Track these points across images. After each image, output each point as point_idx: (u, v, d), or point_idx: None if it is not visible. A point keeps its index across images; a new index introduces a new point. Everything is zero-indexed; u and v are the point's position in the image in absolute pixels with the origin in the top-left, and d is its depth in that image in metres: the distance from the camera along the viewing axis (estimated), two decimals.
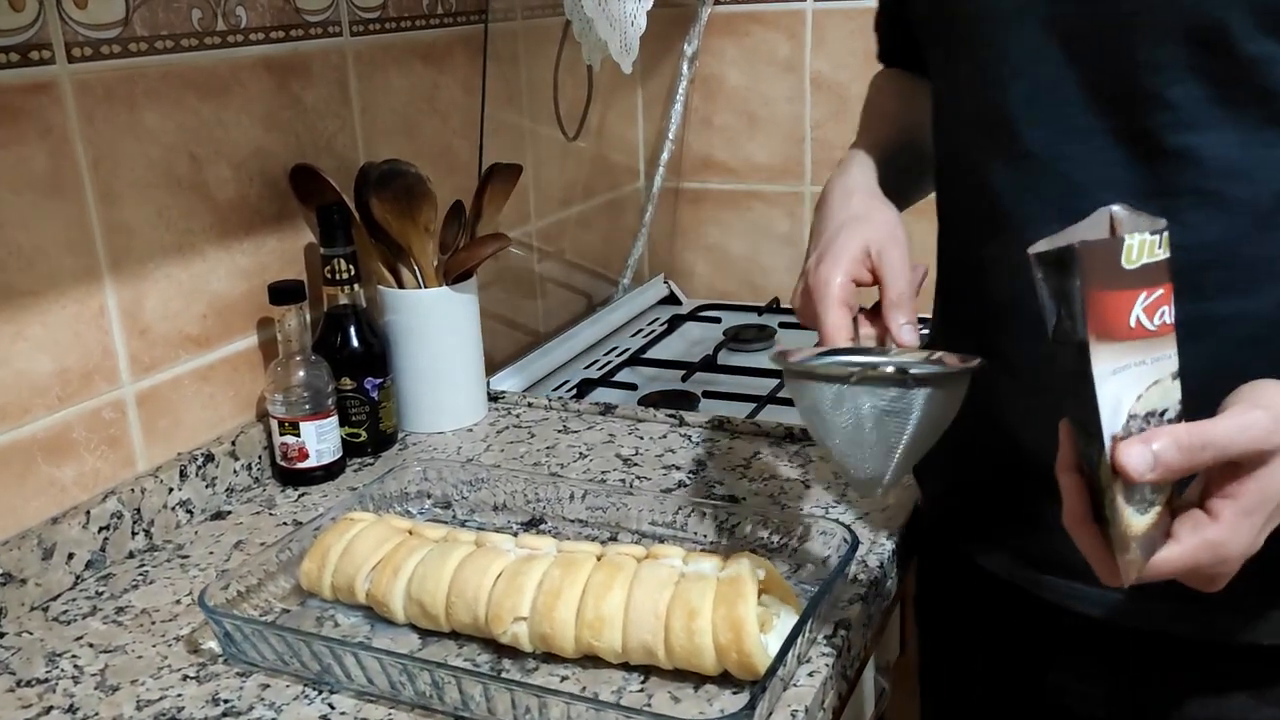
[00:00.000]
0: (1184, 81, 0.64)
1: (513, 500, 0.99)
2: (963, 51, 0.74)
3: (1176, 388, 0.55)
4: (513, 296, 1.52)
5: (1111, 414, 0.54)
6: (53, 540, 0.90)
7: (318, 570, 0.86)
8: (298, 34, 1.12)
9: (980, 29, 0.71)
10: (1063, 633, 0.80)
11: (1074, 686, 0.81)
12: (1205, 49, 0.63)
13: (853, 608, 0.83)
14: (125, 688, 0.78)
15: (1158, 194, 0.66)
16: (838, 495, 1.01)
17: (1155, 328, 0.53)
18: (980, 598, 0.87)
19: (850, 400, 0.69)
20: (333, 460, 1.09)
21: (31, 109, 0.88)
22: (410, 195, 1.13)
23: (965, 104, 0.75)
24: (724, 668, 0.74)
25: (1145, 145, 0.66)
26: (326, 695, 0.76)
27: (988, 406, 0.76)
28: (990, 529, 0.83)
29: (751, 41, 1.72)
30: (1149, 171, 0.66)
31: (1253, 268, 0.65)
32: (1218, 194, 0.65)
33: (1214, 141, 0.64)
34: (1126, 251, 0.51)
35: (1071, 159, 0.68)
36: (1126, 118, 0.66)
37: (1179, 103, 0.64)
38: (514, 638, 0.78)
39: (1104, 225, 0.53)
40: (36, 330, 0.90)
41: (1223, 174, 0.64)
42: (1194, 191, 0.65)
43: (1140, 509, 0.55)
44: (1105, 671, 0.79)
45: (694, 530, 0.93)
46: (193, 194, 1.02)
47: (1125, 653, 0.78)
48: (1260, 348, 0.65)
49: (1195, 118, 0.64)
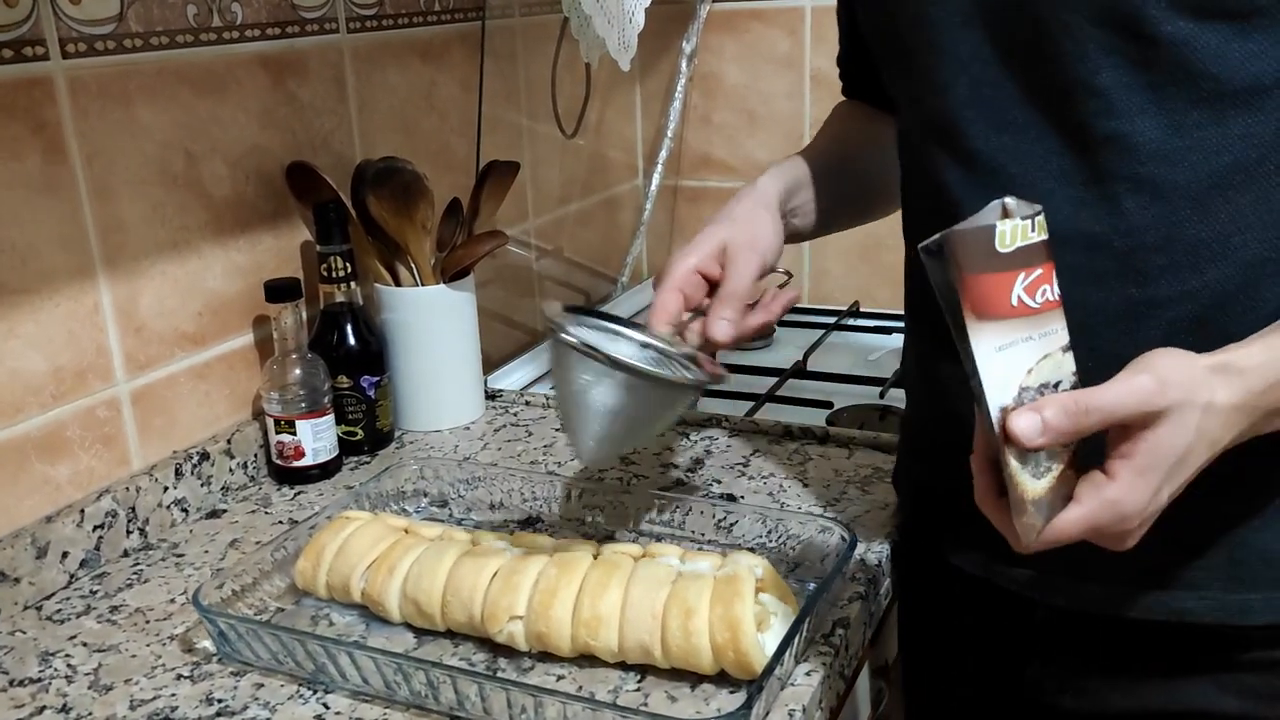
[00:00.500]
0: (1109, 69, 0.65)
1: (509, 499, 0.99)
2: (908, 60, 0.76)
3: (1069, 360, 0.58)
4: (510, 295, 1.51)
5: (1000, 388, 0.57)
6: (46, 539, 0.90)
7: (313, 569, 0.85)
8: (294, 30, 1.11)
9: (920, 36, 0.73)
10: (1036, 627, 0.81)
11: (1050, 681, 0.82)
12: (1125, 34, 0.64)
13: (851, 606, 0.83)
14: (119, 687, 0.78)
15: (1094, 181, 0.67)
16: (837, 494, 1.01)
17: (1038, 305, 0.57)
18: (958, 598, 0.87)
19: (571, 368, 0.77)
20: (329, 459, 1.09)
21: (25, 105, 0.87)
22: (407, 193, 1.13)
23: (915, 111, 0.77)
24: (721, 667, 0.74)
25: (1079, 135, 0.67)
26: (321, 695, 0.76)
27: (955, 407, 0.77)
28: (960, 527, 0.83)
29: (751, 38, 1.71)
30: (1084, 160, 0.67)
31: (1194, 250, 0.66)
32: (1152, 179, 0.65)
33: (1144, 127, 0.65)
34: (999, 237, 0.55)
35: (1012, 152, 0.70)
36: (1060, 108, 0.67)
37: (1106, 90, 0.65)
38: (509, 637, 0.77)
39: (996, 215, 0.56)
40: (30, 328, 0.89)
41: (1155, 158, 0.65)
42: (1128, 178, 0.66)
43: (1036, 474, 0.58)
44: (1079, 664, 0.80)
45: (691, 529, 0.92)
46: (188, 191, 1.02)
47: (1096, 643, 0.78)
48: (1206, 329, 0.66)
49: (1123, 104, 0.65)
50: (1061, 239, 0.68)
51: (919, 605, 0.95)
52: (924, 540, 0.90)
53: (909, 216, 0.84)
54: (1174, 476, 0.59)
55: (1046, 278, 0.57)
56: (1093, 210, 0.67)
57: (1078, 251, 0.67)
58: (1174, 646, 0.75)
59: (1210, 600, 0.72)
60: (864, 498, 1.00)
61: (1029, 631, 0.81)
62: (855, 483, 1.03)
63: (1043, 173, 0.68)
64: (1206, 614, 0.72)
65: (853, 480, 1.03)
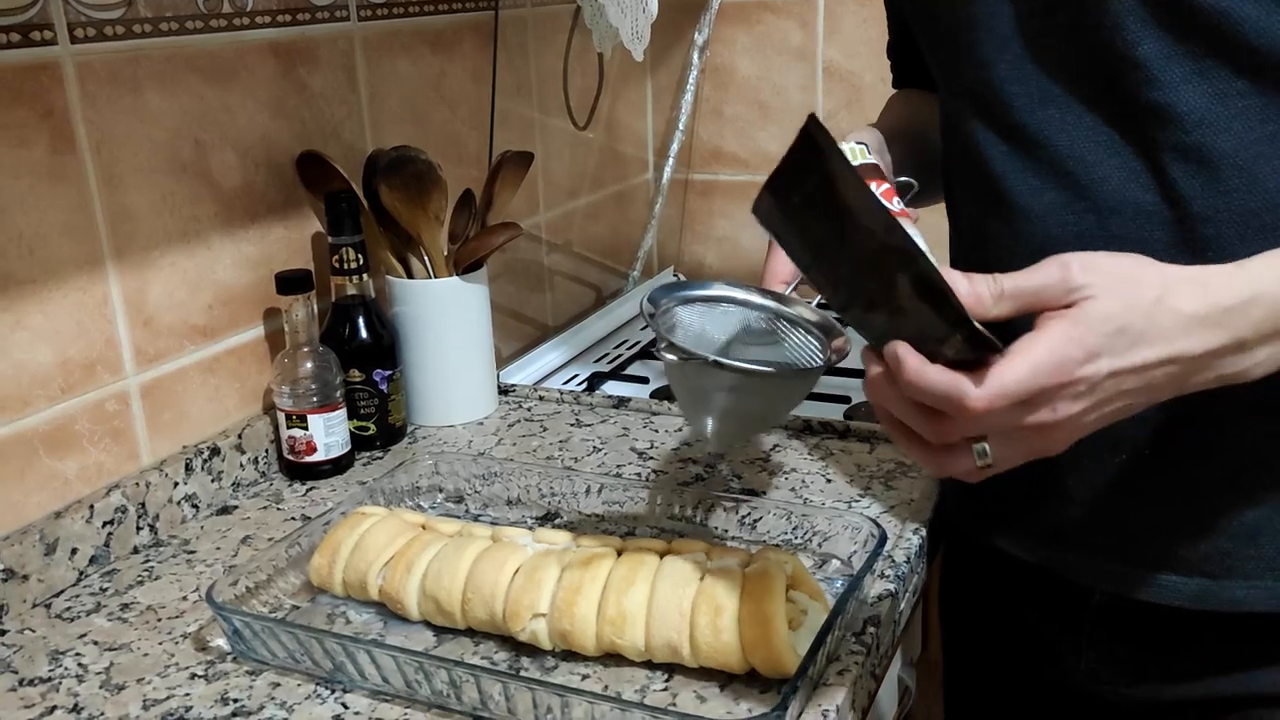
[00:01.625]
0: (1149, 40, 0.64)
1: (527, 494, 0.97)
2: (951, 39, 0.75)
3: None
4: (521, 290, 1.49)
5: None
6: (55, 535, 0.87)
7: (328, 566, 0.83)
8: (304, 18, 1.09)
9: (960, 13, 0.73)
10: (1092, 614, 0.80)
11: (1106, 670, 0.80)
12: (1163, 6, 0.63)
13: (882, 604, 0.81)
14: (131, 686, 0.76)
15: (1142, 152, 0.67)
16: (860, 489, 0.99)
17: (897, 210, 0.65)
18: (1006, 586, 0.86)
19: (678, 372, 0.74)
20: (341, 454, 1.07)
21: (33, 90, 0.85)
22: (420, 183, 1.11)
23: (958, 87, 0.76)
24: (751, 666, 0.72)
25: (1124, 106, 0.67)
26: (339, 694, 0.74)
27: None
28: (1010, 513, 0.82)
29: (763, 30, 1.69)
30: (1130, 131, 0.67)
31: (1243, 220, 0.65)
32: (1198, 148, 0.65)
33: (1186, 96, 0.64)
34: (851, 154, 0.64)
35: (1057, 125, 0.69)
36: (1103, 80, 0.67)
37: (1147, 61, 0.65)
38: (532, 635, 0.75)
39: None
40: (37, 319, 0.87)
41: (1200, 127, 0.64)
42: (1174, 147, 0.65)
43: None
44: (1135, 652, 0.79)
45: (714, 525, 0.90)
46: (197, 180, 1.00)
47: (1153, 630, 0.77)
48: None
49: (1165, 75, 0.64)
50: (1111, 209, 0.68)
51: (963, 595, 0.94)
52: (969, 528, 0.88)
53: (952, 194, 0.83)
54: (1116, 348, 0.56)
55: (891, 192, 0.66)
56: (1141, 180, 0.66)
57: (1127, 221, 0.67)
58: (1234, 632, 0.73)
59: (1261, 589, 0.71)
60: (888, 493, 0.98)
61: (1084, 619, 0.80)
62: (878, 478, 1.01)
63: (1090, 144, 0.68)
64: (1259, 604, 0.71)
65: (875, 475, 1.01)
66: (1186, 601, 0.73)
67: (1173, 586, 0.73)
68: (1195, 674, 0.76)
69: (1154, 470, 0.72)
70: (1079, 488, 0.75)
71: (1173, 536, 0.72)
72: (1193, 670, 0.76)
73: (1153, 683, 0.78)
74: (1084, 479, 0.75)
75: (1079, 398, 0.56)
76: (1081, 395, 0.56)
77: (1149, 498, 0.73)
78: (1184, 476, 0.71)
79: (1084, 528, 0.76)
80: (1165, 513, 0.72)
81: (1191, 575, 0.72)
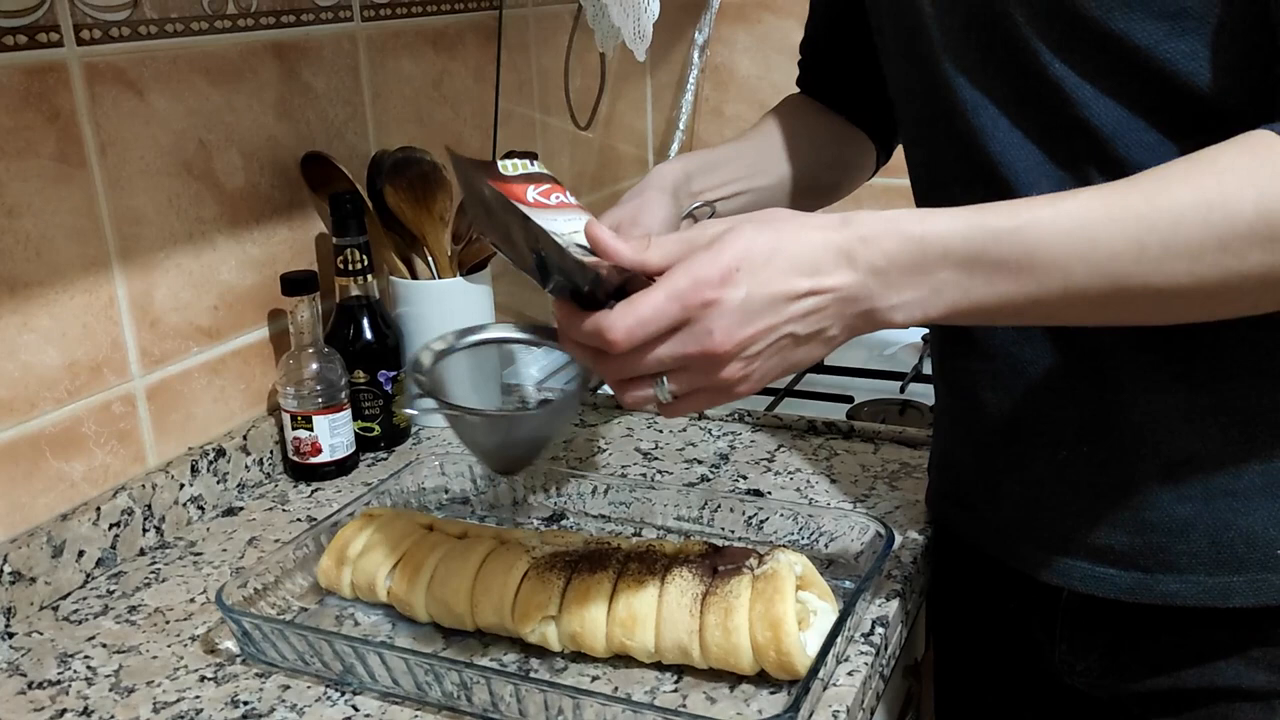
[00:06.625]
0: (1061, 59, 0.66)
1: (533, 495, 0.97)
2: (896, 31, 0.77)
3: None
4: (524, 290, 1.49)
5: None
6: (62, 537, 0.87)
7: (336, 567, 0.83)
8: (308, 18, 1.09)
9: (910, 17, 0.74)
10: (1063, 608, 0.80)
11: (1080, 662, 0.81)
12: (1067, 30, 0.65)
13: (890, 604, 0.81)
14: (141, 689, 0.76)
15: (1069, 164, 0.68)
16: (865, 489, 0.99)
17: (555, 204, 0.72)
18: (986, 582, 0.87)
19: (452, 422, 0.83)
20: (346, 455, 1.07)
21: (39, 92, 0.85)
22: (425, 183, 1.11)
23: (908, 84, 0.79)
24: (761, 667, 0.72)
25: (1048, 120, 0.68)
26: (350, 696, 0.74)
27: (981, 398, 0.79)
28: (968, 503, 0.85)
29: (763, 29, 1.69)
30: (1057, 144, 0.68)
31: None
32: (1117, 159, 0.66)
33: (1101, 111, 0.66)
34: (503, 168, 0.73)
35: (990, 133, 0.70)
36: (1032, 95, 0.68)
37: (1061, 78, 0.66)
38: (542, 637, 0.76)
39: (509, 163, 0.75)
40: (44, 321, 0.87)
41: (1118, 141, 0.66)
42: (1095, 158, 0.67)
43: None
44: (1107, 644, 0.79)
45: (720, 525, 0.91)
46: (202, 182, 1.00)
47: (1123, 623, 0.78)
48: None
49: (1079, 93, 0.66)
50: None
51: (950, 588, 0.95)
52: (946, 521, 0.90)
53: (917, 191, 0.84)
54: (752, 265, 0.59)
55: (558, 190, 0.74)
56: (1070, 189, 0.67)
57: None
58: (1201, 624, 0.74)
59: (1193, 583, 0.72)
60: (893, 493, 0.98)
61: (1057, 611, 0.81)
62: (883, 478, 1.01)
63: (1021, 152, 0.69)
64: (1190, 598, 0.72)
65: (880, 475, 1.02)
66: (1122, 594, 0.74)
67: (1109, 580, 0.75)
68: (1163, 667, 0.76)
69: (1089, 465, 0.74)
70: (1020, 482, 0.78)
71: (1109, 531, 0.74)
72: (1160, 663, 0.77)
73: (1123, 675, 0.79)
74: (1025, 474, 0.77)
75: (738, 325, 0.59)
76: (735, 321, 0.59)
77: (1085, 492, 0.74)
78: (1118, 472, 0.73)
79: (1029, 521, 0.78)
80: (1101, 507, 0.74)
81: (1127, 569, 0.74)
